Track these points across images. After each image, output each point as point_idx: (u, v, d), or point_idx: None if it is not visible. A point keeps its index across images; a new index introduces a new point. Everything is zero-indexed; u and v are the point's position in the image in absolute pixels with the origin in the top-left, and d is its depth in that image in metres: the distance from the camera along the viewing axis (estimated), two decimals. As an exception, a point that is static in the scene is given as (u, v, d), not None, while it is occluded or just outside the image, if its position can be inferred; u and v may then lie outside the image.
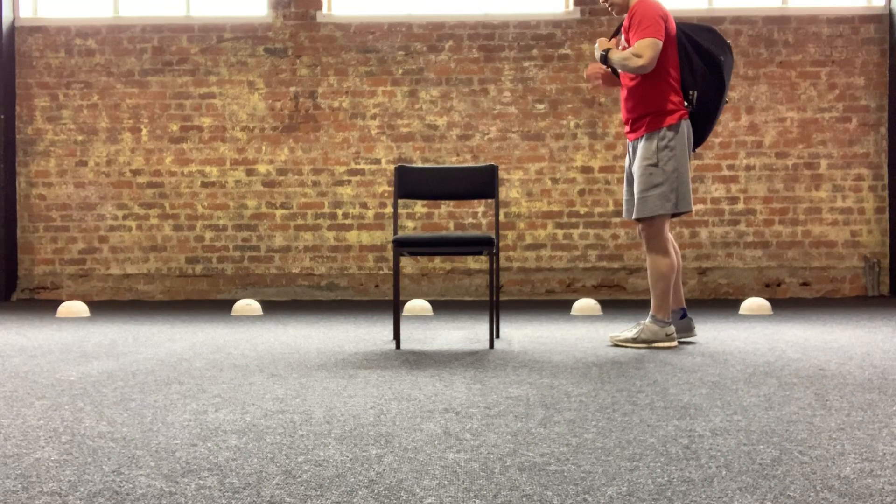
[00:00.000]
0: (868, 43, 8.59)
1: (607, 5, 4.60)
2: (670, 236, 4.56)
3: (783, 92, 8.61)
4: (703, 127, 4.52)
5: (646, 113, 4.43)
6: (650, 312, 4.49)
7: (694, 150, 4.59)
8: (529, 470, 2.02)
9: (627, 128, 4.57)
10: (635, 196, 4.47)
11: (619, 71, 4.56)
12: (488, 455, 2.17)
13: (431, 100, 8.71)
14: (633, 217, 4.50)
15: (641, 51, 4.30)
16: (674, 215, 4.57)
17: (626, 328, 4.70)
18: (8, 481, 1.96)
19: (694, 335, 4.69)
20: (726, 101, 4.54)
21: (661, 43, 4.31)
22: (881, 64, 8.58)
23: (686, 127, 4.44)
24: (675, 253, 4.57)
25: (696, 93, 4.43)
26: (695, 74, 4.42)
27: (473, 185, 5.18)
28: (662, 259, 4.43)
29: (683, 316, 4.63)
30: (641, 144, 4.45)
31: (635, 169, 4.48)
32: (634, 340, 4.46)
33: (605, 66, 4.55)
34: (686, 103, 4.44)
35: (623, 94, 4.56)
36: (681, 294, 4.63)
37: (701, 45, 4.42)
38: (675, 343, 4.46)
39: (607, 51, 4.45)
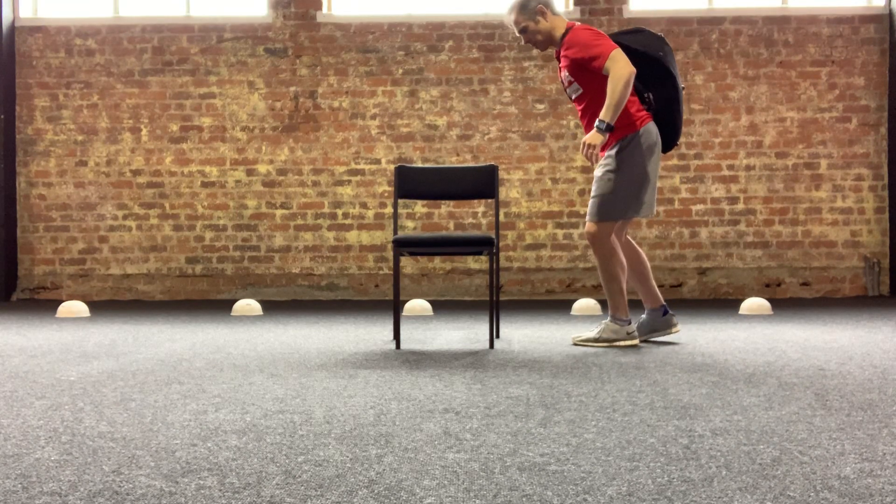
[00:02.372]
0: (868, 43, 8.59)
1: (525, 41, 4.59)
2: (621, 239, 4.59)
3: (783, 92, 8.61)
4: (671, 121, 4.51)
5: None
6: (609, 313, 4.51)
7: (670, 149, 4.58)
8: (529, 470, 2.02)
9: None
10: (590, 198, 4.50)
11: (577, 104, 4.55)
12: (488, 455, 2.17)
13: (431, 100, 8.71)
14: (587, 219, 4.51)
15: (613, 68, 4.23)
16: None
17: (588, 329, 4.71)
18: (8, 481, 1.96)
19: (676, 331, 4.68)
20: (683, 88, 4.54)
21: (617, 48, 4.27)
22: (881, 64, 8.58)
23: (651, 130, 4.43)
24: (639, 253, 4.63)
25: (650, 94, 4.44)
26: (642, 78, 4.41)
27: (473, 185, 5.18)
28: (610, 260, 4.45)
29: (665, 313, 4.64)
30: (606, 152, 4.47)
31: (595, 173, 4.50)
32: (596, 340, 4.48)
33: (604, 136, 4.32)
34: (646, 106, 4.46)
35: (584, 123, 4.55)
36: (656, 292, 4.62)
37: (636, 49, 4.41)
38: (636, 341, 4.49)
39: (602, 122, 4.27)
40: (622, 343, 4.46)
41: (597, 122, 4.29)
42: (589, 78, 4.39)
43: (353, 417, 2.66)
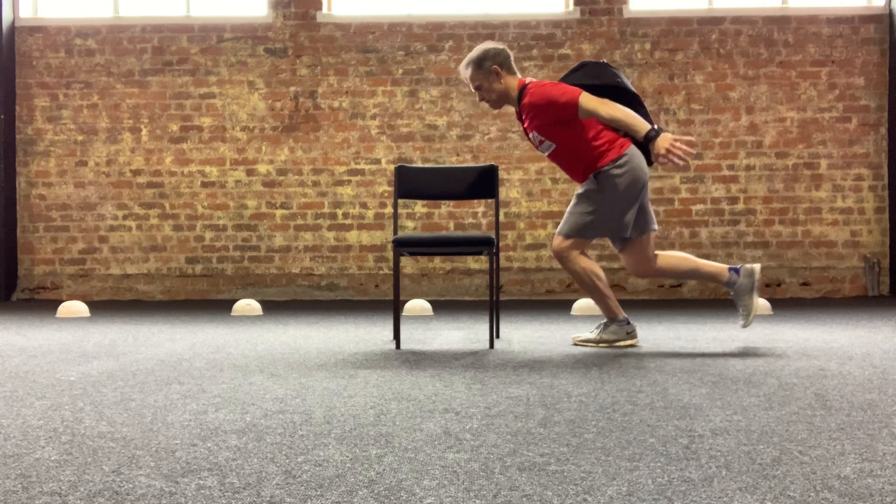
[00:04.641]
0: (868, 43, 8.59)
1: (479, 99, 4.62)
2: (648, 258, 4.56)
3: (783, 92, 8.61)
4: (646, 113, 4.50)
5: (586, 166, 4.42)
6: (605, 316, 4.51)
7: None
8: (529, 470, 2.02)
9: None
10: (567, 214, 4.49)
11: (551, 159, 4.54)
12: (488, 455, 2.17)
13: (431, 100, 8.71)
14: (557, 232, 4.51)
15: (593, 108, 4.24)
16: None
17: (588, 329, 4.71)
18: (8, 481, 1.96)
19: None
20: (639, 97, 4.52)
21: (581, 91, 4.28)
22: (881, 64, 8.58)
23: (633, 153, 4.36)
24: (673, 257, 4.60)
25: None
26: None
27: (473, 185, 5.18)
28: (581, 271, 4.44)
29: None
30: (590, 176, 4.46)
31: (577, 191, 4.50)
32: (597, 341, 4.49)
33: (665, 137, 4.21)
34: (622, 132, 4.42)
35: (566, 168, 4.54)
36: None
37: (595, 84, 4.38)
38: (635, 341, 4.50)
39: (651, 130, 4.20)
40: (622, 343, 4.47)
41: (648, 134, 4.20)
42: (559, 131, 4.37)
43: (353, 417, 2.66)
